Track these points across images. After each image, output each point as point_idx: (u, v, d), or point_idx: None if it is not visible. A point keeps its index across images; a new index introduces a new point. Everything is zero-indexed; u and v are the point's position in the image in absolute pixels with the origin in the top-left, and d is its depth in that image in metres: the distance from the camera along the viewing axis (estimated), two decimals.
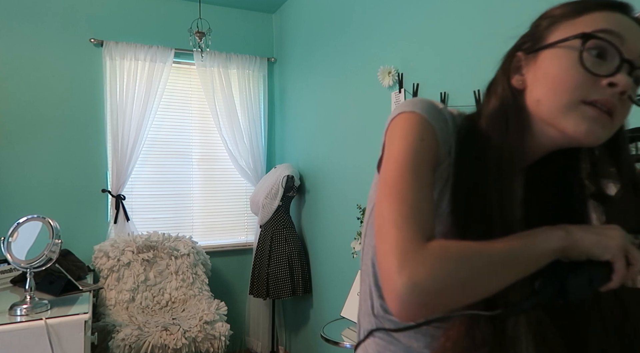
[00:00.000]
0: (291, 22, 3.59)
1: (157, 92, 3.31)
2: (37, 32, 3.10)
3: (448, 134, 0.69)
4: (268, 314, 3.52)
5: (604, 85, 0.61)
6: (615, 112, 0.62)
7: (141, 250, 3.04)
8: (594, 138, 0.63)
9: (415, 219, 0.60)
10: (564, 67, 0.63)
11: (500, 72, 0.73)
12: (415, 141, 0.66)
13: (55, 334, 1.87)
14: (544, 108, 0.65)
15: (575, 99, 0.62)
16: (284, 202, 3.26)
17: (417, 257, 0.57)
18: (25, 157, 3.06)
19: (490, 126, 0.70)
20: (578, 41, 0.62)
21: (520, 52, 0.70)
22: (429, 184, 0.65)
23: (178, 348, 2.49)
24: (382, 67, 2.36)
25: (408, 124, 0.67)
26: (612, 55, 0.62)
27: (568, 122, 0.63)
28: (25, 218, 2.10)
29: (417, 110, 0.68)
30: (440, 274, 0.56)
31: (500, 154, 0.67)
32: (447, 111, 0.72)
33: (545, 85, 0.65)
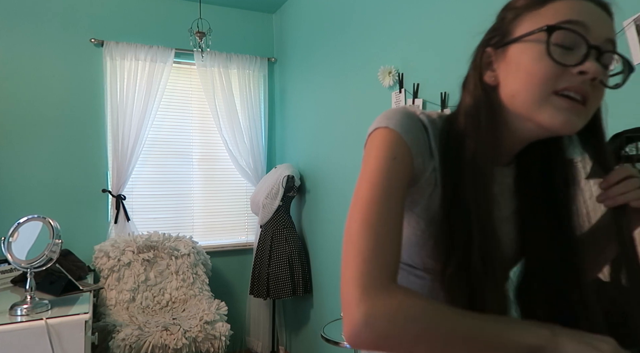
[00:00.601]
0: (291, 22, 3.59)
1: (157, 92, 3.31)
2: (37, 32, 3.10)
3: (425, 143, 0.70)
4: (268, 314, 3.52)
5: (574, 74, 0.62)
6: (588, 99, 0.63)
7: (141, 250, 3.04)
8: (570, 128, 0.63)
9: (381, 255, 0.61)
10: (532, 60, 0.64)
11: (472, 68, 0.74)
12: (388, 161, 0.66)
13: (56, 334, 1.87)
14: (519, 103, 0.66)
15: (548, 91, 0.63)
16: (285, 202, 3.26)
17: (377, 298, 0.58)
18: (26, 157, 3.06)
19: (465, 124, 0.71)
20: (544, 34, 0.63)
21: (490, 48, 0.71)
22: (399, 208, 0.65)
23: (178, 348, 2.49)
24: (382, 67, 2.36)
25: (381, 143, 0.68)
26: (578, 43, 0.62)
27: (543, 115, 0.64)
28: (26, 218, 2.10)
29: (390, 125, 0.68)
30: (397, 324, 0.57)
31: (475, 151, 0.68)
32: (425, 117, 0.72)
33: (518, 79, 0.66)
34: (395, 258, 0.63)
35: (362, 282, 0.59)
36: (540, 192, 0.75)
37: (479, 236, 0.67)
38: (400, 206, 0.65)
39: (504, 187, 0.77)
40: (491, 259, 0.67)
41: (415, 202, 0.72)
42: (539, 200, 0.75)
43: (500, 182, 0.76)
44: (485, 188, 0.68)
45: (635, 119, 1.28)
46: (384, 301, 0.58)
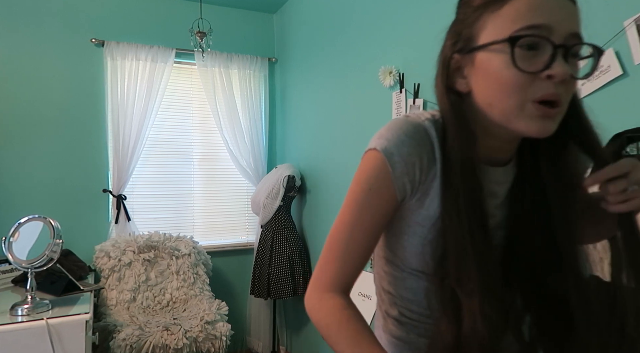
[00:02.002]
0: (292, 22, 3.59)
1: (158, 92, 3.31)
2: (38, 32, 3.10)
3: (428, 151, 0.70)
4: (269, 314, 3.52)
5: (543, 78, 0.62)
6: (561, 100, 0.64)
7: (142, 250, 3.04)
8: (546, 133, 0.64)
9: (334, 269, 0.75)
10: (500, 69, 0.64)
11: (438, 75, 0.73)
12: (364, 192, 0.73)
13: (57, 334, 1.87)
14: (496, 112, 0.66)
15: (522, 100, 0.63)
16: (285, 202, 3.26)
17: (314, 299, 0.77)
18: (27, 157, 3.06)
19: (448, 130, 0.71)
20: (507, 44, 0.63)
21: (457, 54, 0.70)
22: (366, 235, 0.74)
23: (179, 348, 2.49)
24: (383, 67, 2.36)
25: (363, 170, 0.73)
26: (544, 45, 0.62)
27: (519, 123, 0.64)
28: (27, 218, 2.10)
29: (379, 146, 0.70)
30: (316, 323, 0.75)
31: (457, 155, 0.69)
32: (429, 123, 0.72)
33: (490, 88, 0.66)
34: (346, 274, 0.75)
35: (315, 282, 0.78)
36: (536, 194, 0.74)
37: (470, 243, 0.67)
38: (370, 230, 0.74)
39: (506, 186, 0.76)
40: (483, 266, 0.67)
41: (417, 213, 0.74)
42: (535, 202, 0.74)
43: (502, 182, 0.76)
44: (471, 190, 0.68)
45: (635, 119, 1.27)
46: (319, 301, 0.75)
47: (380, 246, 0.83)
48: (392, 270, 0.81)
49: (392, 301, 0.83)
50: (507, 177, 0.76)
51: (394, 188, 0.71)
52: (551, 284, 0.72)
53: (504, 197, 0.76)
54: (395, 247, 0.79)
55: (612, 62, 1.35)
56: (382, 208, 0.73)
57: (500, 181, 0.76)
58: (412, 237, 0.75)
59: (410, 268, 0.78)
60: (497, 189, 0.75)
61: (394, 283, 0.81)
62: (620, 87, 1.35)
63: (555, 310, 0.72)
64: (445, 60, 0.72)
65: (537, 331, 0.73)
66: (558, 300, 0.71)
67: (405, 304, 0.80)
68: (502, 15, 0.63)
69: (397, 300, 0.82)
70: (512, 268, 0.74)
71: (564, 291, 0.70)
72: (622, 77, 1.34)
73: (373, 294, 2.18)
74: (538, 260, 0.72)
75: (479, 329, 0.65)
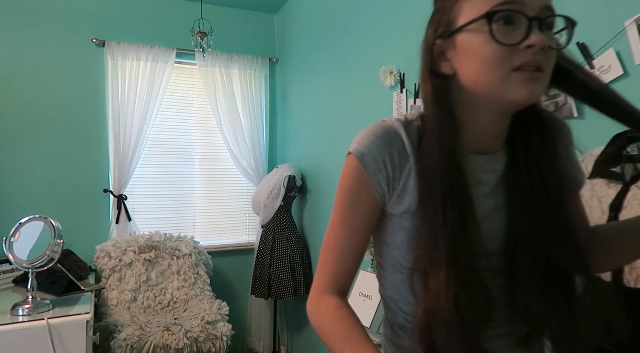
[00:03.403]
0: (293, 22, 3.59)
1: (158, 92, 3.31)
2: (38, 33, 3.10)
3: (399, 149, 0.74)
4: (269, 314, 3.52)
5: (523, 49, 0.65)
6: (543, 65, 0.66)
7: (143, 250, 3.04)
8: (535, 96, 0.67)
9: (331, 271, 0.80)
10: (481, 46, 0.67)
11: (422, 62, 0.76)
12: (345, 192, 0.78)
13: (57, 334, 1.87)
14: (483, 87, 0.69)
15: (506, 70, 0.66)
16: (286, 202, 3.26)
17: (312, 303, 0.81)
18: (27, 157, 3.07)
19: (428, 116, 0.74)
20: (484, 21, 0.66)
21: (439, 39, 0.73)
22: (356, 232, 0.79)
23: (180, 348, 2.49)
24: (383, 67, 2.36)
25: (343, 174, 0.78)
26: (519, 18, 0.65)
27: (508, 92, 0.66)
28: (27, 218, 2.10)
29: (352, 150, 0.76)
30: (315, 328, 0.79)
31: (439, 141, 0.71)
32: (400, 123, 0.76)
33: (474, 66, 0.68)
34: (340, 276, 0.80)
35: (314, 287, 0.82)
36: (528, 180, 0.75)
37: (450, 232, 0.69)
38: (357, 231, 0.79)
39: (495, 175, 0.77)
40: (466, 254, 0.69)
41: (399, 209, 0.76)
42: (528, 188, 0.75)
43: (491, 170, 0.76)
44: (454, 177, 0.70)
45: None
46: (317, 305, 0.80)
47: (378, 252, 0.85)
48: (392, 274, 0.81)
49: (397, 307, 0.83)
50: (495, 165, 0.77)
51: (371, 186, 0.75)
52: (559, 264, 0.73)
53: (494, 186, 0.77)
54: (391, 248, 0.80)
55: (612, 62, 1.35)
56: (364, 208, 0.77)
57: (487, 169, 0.76)
58: (400, 232, 0.77)
59: (408, 267, 0.77)
60: (482, 177, 0.76)
61: (396, 287, 0.81)
62: (621, 87, 1.35)
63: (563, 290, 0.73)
64: (428, 46, 0.75)
65: (543, 311, 0.73)
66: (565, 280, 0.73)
67: (409, 309, 0.80)
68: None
69: (401, 305, 0.81)
70: (517, 257, 0.74)
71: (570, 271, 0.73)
72: (622, 77, 1.34)
73: (374, 294, 2.18)
74: (544, 245, 0.73)
75: (442, 305, 0.67)
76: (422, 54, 0.76)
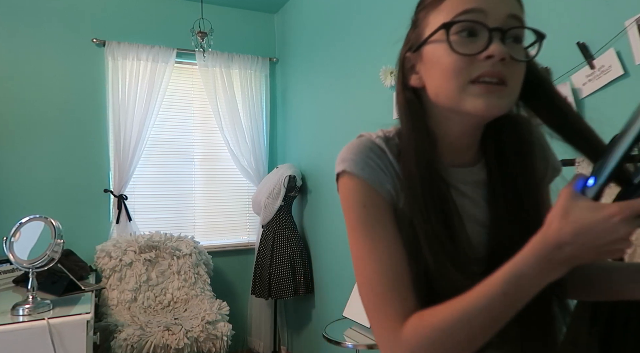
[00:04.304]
0: (293, 22, 3.59)
1: (159, 92, 3.32)
2: (39, 33, 3.11)
3: (387, 164, 0.72)
4: (270, 314, 3.52)
5: (483, 59, 0.63)
6: (506, 77, 0.64)
7: (143, 250, 3.04)
8: (495, 110, 0.64)
9: (386, 304, 0.65)
10: (442, 57, 0.66)
11: (397, 77, 0.77)
12: (359, 212, 0.70)
13: (58, 334, 1.87)
14: (443, 99, 0.68)
15: (464, 81, 0.65)
16: (286, 202, 3.26)
17: (396, 344, 0.63)
18: (28, 157, 3.07)
19: (403, 129, 0.74)
20: (443, 32, 0.65)
21: (409, 53, 0.74)
22: (392, 243, 0.68)
23: (180, 348, 2.49)
24: (384, 67, 2.36)
25: (346, 196, 0.71)
26: (480, 29, 0.64)
27: (465, 104, 0.65)
28: (28, 218, 2.11)
29: (347, 168, 0.70)
30: (429, 349, 0.61)
31: (415, 154, 0.70)
32: (381, 140, 0.73)
33: (435, 77, 0.68)
34: (407, 295, 0.66)
35: (380, 337, 0.66)
36: (502, 191, 0.74)
37: (429, 241, 0.67)
38: (394, 242, 0.69)
39: (475, 187, 0.76)
40: (447, 263, 0.67)
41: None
42: (502, 199, 0.74)
43: (471, 182, 0.76)
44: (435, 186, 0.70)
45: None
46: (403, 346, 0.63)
47: None
48: None
49: None
50: (475, 176, 0.76)
51: (379, 191, 0.70)
52: None
53: (477, 197, 0.76)
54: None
55: (613, 62, 1.35)
56: (386, 217, 0.70)
57: (468, 181, 0.75)
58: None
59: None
60: (465, 189, 0.75)
61: None
62: (622, 87, 1.35)
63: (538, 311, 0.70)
64: (400, 60, 0.76)
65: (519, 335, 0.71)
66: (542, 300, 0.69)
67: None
68: (442, 9, 0.67)
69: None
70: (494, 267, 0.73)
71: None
72: (623, 77, 1.34)
73: None
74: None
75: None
76: (396, 68, 0.77)
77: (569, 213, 0.56)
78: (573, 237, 0.54)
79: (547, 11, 1.55)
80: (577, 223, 0.54)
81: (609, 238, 0.53)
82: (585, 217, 0.54)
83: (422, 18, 0.71)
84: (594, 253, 0.54)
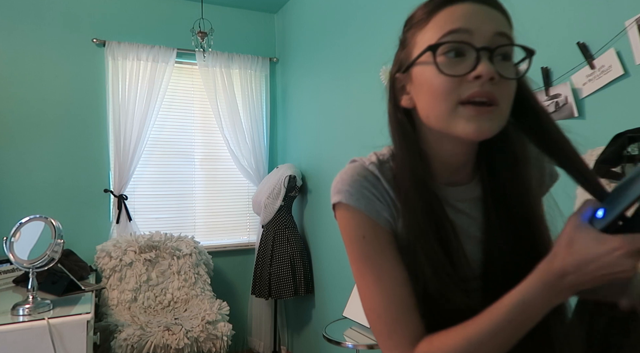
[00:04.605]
0: (293, 22, 3.59)
1: (159, 92, 3.32)
2: (39, 33, 3.11)
3: (382, 191, 0.71)
4: (270, 314, 3.52)
5: (471, 80, 0.62)
6: (496, 97, 0.63)
7: (143, 250, 3.04)
8: (486, 133, 0.64)
9: (395, 332, 0.66)
10: (430, 79, 0.65)
11: (388, 98, 0.76)
12: (360, 244, 0.70)
13: (58, 334, 1.87)
14: (433, 121, 0.67)
15: (453, 103, 0.64)
16: (286, 202, 3.26)
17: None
18: (28, 157, 3.07)
19: (396, 153, 0.73)
20: (429, 54, 0.65)
21: (398, 73, 0.73)
22: (394, 272, 0.68)
23: (180, 348, 2.49)
24: (384, 67, 2.36)
25: (345, 228, 0.71)
26: (467, 49, 0.63)
27: (456, 127, 0.64)
28: (28, 218, 2.11)
29: (343, 200, 0.70)
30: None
31: (407, 176, 0.70)
32: (375, 166, 0.73)
33: (425, 99, 0.67)
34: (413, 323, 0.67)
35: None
36: (495, 208, 0.74)
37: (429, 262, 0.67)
38: (397, 270, 0.69)
39: (473, 204, 0.75)
40: (446, 283, 0.67)
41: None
42: (494, 216, 0.73)
43: (468, 199, 0.75)
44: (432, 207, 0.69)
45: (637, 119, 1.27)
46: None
47: None
48: None
49: None
50: (471, 193, 0.76)
51: (376, 221, 0.70)
52: None
53: (474, 214, 0.75)
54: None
55: (613, 62, 1.35)
56: (387, 245, 0.70)
57: (465, 199, 0.75)
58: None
59: None
60: (462, 207, 0.74)
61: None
62: (622, 86, 1.35)
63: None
64: (390, 80, 0.75)
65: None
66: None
67: None
68: (428, 29, 0.67)
69: None
70: (490, 283, 0.72)
71: None
72: (623, 77, 1.34)
73: None
74: (514, 275, 0.68)
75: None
76: (386, 88, 0.76)
77: (574, 243, 0.56)
78: (576, 267, 0.55)
79: (547, 11, 1.55)
80: (580, 254, 0.55)
81: (611, 271, 0.53)
82: (590, 248, 0.54)
83: (410, 37, 0.71)
84: (598, 282, 0.55)
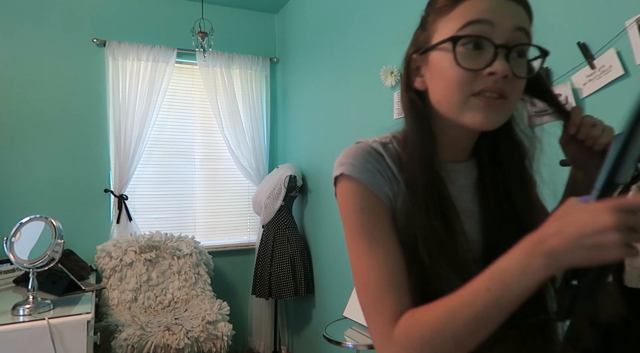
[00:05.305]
0: (294, 22, 3.59)
1: (159, 92, 3.32)
2: (39, 33, 3.11)
3: (385, 167, 0.72)
4: (270, 314, 3.52)
5: (485, 75, 0.65)
6: (506, 93, 0.66)
7: (144, 250, 3.04)
8: (491, 124, 0.67)
9: (381, 304, 0.66)
10: (447, 68, 0.68)
11: (402, 76, 0.78)
12: (358, 215, 0.69)
13: (58, 334, 1.87)
14: (444, 108, 0.70)
15: (465, 95, 0.67)
16: (287, 202, 3.26)
17: (389, 343, 0.64)
18: (28, 157, 3.07)
19: (406, 130, 0.75)
20: (450, 44, 0.67)
21: (415, 54, 0.75)
22: (389, 246, 0.68)
23: (180, 348, 2.49)
24: (384, 67, 2.36)
25: (345, 198, 0.71)
26: (487, 43, 0.66)
27: (465, 117, 0.67)
28: (28, 218, 2.11)
29: (346, 171, 0.70)
30: (420, 346, 0.61)
31: (417, 154, 0.72)
32: (378, 144, 0.74)
33: (439, 86, 0.70)
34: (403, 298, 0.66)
35: (375, 341, 0.66)
36: (494, 195, 0.76)
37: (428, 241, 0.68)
38: (391, 244, 0.69)
39: (470, 181, 0.78)
40: (445, 259, 0.67)
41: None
42: (494, 203, 0.75)
43: (466, 177, 0.77)
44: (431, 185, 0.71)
45: None
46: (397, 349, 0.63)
47: None
48: None
49: None
50: (470, 171, 0.78)
51: (377, 194, 0.70)
52: None
53: (471, 190, 0.78)
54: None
55: (613, 62, 1.35)
56: (384, 219, 0.70)
57: (465, 176, 0.77)
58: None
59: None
60: (462, 183, 0.77)
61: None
62: (622, 86, 1.35)
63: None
64: (406, 60, 0.77)
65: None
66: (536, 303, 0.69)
67: None
68: (451, 17, 0.68)
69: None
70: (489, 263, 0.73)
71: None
72: (623, 76, 1.34)
73: None
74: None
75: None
76: (402, 67, 0.78)
77: (562, 215, 0.55)
78: (557, 231, 0.53)
79: (547, 11, 1.55)
80: (563, 220, 0.54)
81: (593, 227, 0.50)
82: (574, 214, 0.53)
83: (432, 22, 0.72)
84: (580, 249, 0.52)
